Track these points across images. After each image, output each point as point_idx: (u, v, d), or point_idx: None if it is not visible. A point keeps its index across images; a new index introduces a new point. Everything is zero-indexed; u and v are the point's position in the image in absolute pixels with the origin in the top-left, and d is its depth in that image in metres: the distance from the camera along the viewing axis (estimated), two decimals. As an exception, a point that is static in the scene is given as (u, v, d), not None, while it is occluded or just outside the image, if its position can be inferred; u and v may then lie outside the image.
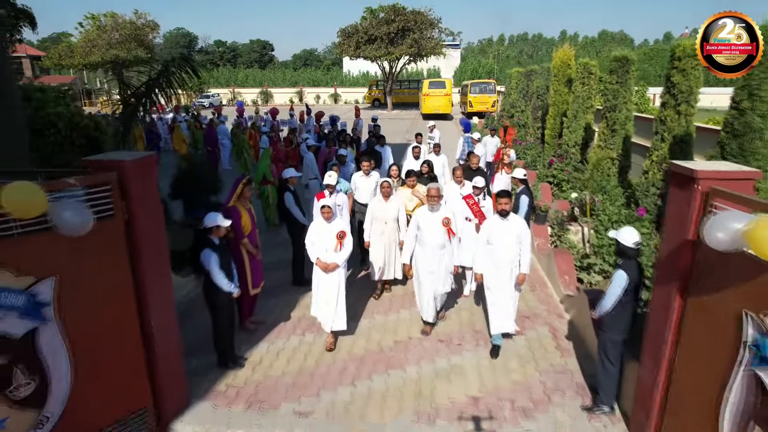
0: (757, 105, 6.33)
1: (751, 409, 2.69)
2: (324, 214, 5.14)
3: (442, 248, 5.32)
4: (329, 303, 5.19)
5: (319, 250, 5.19)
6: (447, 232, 5.25)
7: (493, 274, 5.17)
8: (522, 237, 5.06)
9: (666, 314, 3.42)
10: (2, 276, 2.92)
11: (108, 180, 3.32)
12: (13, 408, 3.10)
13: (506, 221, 5.04)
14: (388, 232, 6.25)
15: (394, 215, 6.19)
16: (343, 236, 5.15)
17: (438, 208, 5.27)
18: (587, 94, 13.73)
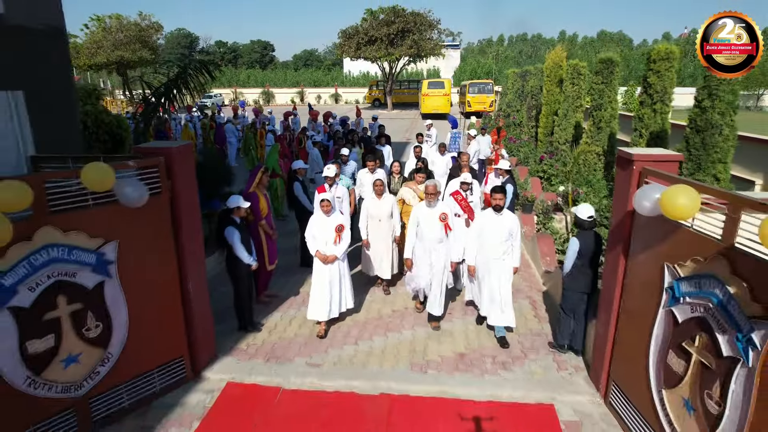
0: (716, 104, 7.07)
1: (668, 339, 3.44)
2: (323, 208, 5.42)
3: (440, 242, 5.53)
4: (324, 293, 5.44)
5: (319, 243, 5.48)
6: (444, 227, 5.47)
7: (484, 266, 5.38)
8: (513, 231, 5.28)
9: (614, 274, 4.17)
10: (79, 237, 3.67)
11: (157, 163, 4.08)
12: (86, 345, 3.85)
13: (499, 216, 5.24)
14: (383, 229, 6.41)
15: (387, 212, 6.34)
16: (341, 229, 5.43)
17: (435, 204, 5.48)
18: (577, 93, 14.45)
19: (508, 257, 5.33)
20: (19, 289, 3.42)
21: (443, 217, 5.44)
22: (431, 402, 4.47)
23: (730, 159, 7.29)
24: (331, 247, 5.43)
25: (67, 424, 3.87)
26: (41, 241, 3.49)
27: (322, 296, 5.46)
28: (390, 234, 6.45)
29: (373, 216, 6.37)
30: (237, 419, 4.24)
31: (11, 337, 3.43)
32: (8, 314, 3.40)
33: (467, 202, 6.21)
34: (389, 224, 6.40)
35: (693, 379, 3.21)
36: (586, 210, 4.82)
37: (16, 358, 3.48)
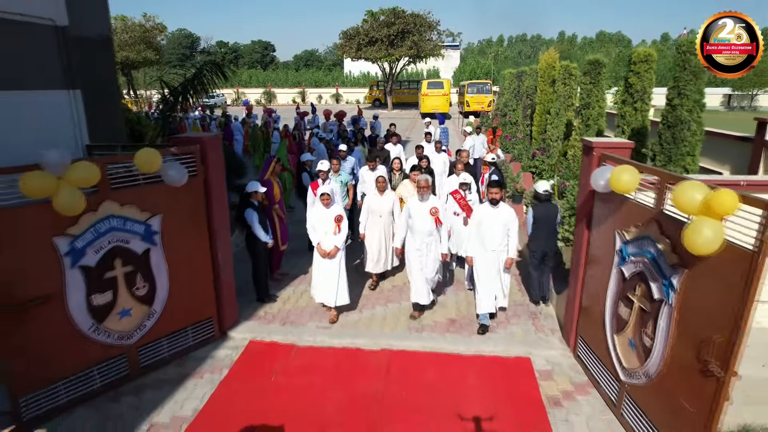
0: (684, 102, 7.82)
1: (619, 292, 4.21)
2: (323, 201, 5.73)
3: (430, 235, 5.72)
4: (330, 281, 5.75)
5: (319, 233, 5.80)
6: (434, 221, 5.66)
7: (482, 256, 5.64)
8: (510, 223, 5.53)
9: (580, 245, 4.93)
10: (131, 210, 4.43)
11: (194, 150, 4.84)
12: (136, 302, 4.61)
13: (496, 209, 5.51)
14: (383, 224, 6.59)
15: (388, 209, 6.52)
16: (340, 220, 5.73)
17: (427, 198, 5.68)
18: (568, 93, 15.19)
19: (505, 248, 5.63)
20: (87, 251, 4.18)
21: (434, 210, 5.63)
22: (425, 356, 5.24)
23: (698, 152, 8.05)
24: (330, 236, 5.76)
25: (120, 368, 4.64)
26: (104, 213, 4.25)
27: (328, 286, 5.79)
28: (389, 229, 6.66)
29: (374, 211, 6.56)
30: (260, 368, 5.00)
31: (81, 291, 4.19)
32: (79, 271, 4.16)
33: (466, 200, 6.54)
34: (389, 220, 6.61)
35: (635, 321, 3.97)
36: (542, 185, 5.95)
37: (84, 308, 4.25)
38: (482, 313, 5.67)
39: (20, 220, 3.80)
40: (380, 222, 6.58)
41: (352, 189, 8.00)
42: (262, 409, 4.39)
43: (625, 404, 4.11)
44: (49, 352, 4.10)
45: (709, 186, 3.06)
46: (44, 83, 4.62)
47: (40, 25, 4.48)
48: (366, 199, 6.68)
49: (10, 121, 4.33)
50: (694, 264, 3.27)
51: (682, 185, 3.18)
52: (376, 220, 6.58)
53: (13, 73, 4.34)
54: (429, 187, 5.72)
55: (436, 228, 5.70)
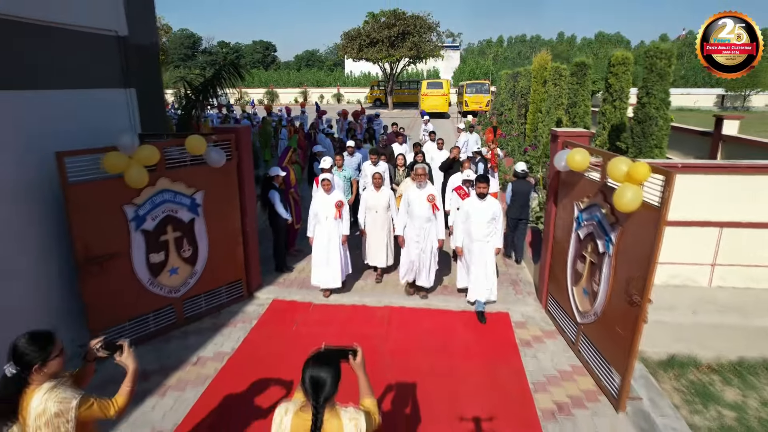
0: (652, 100, 8.82)
1: (576, 251, 5.21)
2: (324, 186, 6.17)
3: (428, 221, 6.08)
4: (332, 264, 6.27)
5: (320, 218, 6.23)
6: (431, 207, 6.03)
7: (469, 247, 5.97)
8: (496, 215, 5.83)
9: (550, 215, 5.94)
10: (180, 186, 5.43)
11: (230, 138, 5.84)
12: (182, 262, 5.62)
13: (484, 202, 5.81)
14: (380, 220, 6.77)
15: (385, 204, 6.72)
16: (341, 205, 6.17)
17: (424, 186, 6.06)
18: (558, 93, 16.16)
19: (492, 239, 5.93)
20: (147, 218, 5.19)
21: (431, 198, 5.99)
22: (419, 311, 6.24)
23: (665, 144, 9.04)
24: (331, 221, 6.21)
25: (169, 316, 5.64)
26: (160, 187, 5.25)
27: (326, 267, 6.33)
28: (387, 225, 6.83)
29: (370, 207, 6.76)
30: (282, 320, 6.00)
31: (142, 250, 5.20)
32: (141, 234, 5.16)
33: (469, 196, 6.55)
34: (386, 215, 6.79)
35: (587, 273, 4.97)
36: (520, 165, 7.36)
37: (144, 264, 5.25)
38: (474, 299, 6.05)
39: (99, 191, 4.79)
40: (377, 217, 6.78)
41: (356, 184, 8.38)
42: (286, 349, 5.38)
43: (581, 341, 5.11)
44: (118, 298, 5.09)
45: (631, 160, 4.06)
46: (108, 83, 5.62)
47: (106, 35, 5.48)
48: (363, 194, 6.93)
49: (80, 113, 5.30)
50: (625, 221, 4.27)
51: (613, 160, 4.19)
52: (372, 215, 6.80)
53: (83, 75, 5.32)
54: (426, 175, 6.11)
55: (434, 214, 6.08)
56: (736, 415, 4.31)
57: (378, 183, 6.71)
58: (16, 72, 4.43)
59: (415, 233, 6.14)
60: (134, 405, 4.42)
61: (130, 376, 2.59)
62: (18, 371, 2.29)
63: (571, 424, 4.20)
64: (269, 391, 4.62)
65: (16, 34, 4.37)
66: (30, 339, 2.32)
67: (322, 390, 2.09)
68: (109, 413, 2.46)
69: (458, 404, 4.43)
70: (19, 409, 2.30)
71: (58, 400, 2.30)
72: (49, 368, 2.35)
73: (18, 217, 4.51)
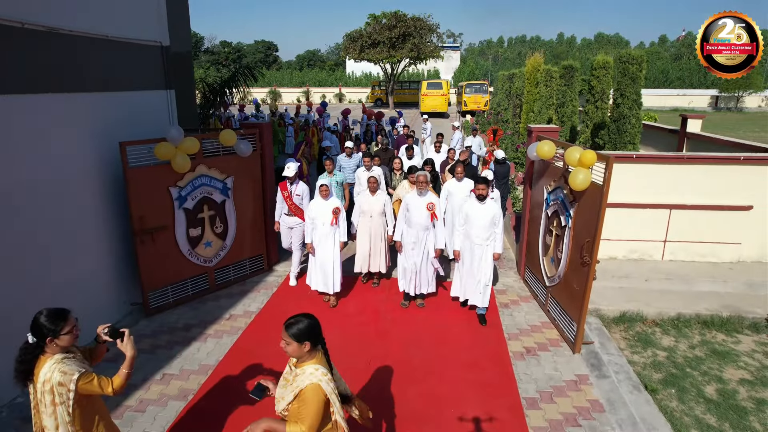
0: (625, 101, 9.86)
1: (546, 227, 6.24)
2: (322, 192, 6.12)
3: (426, 230, 5.97)
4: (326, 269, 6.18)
5: (317, 224, 6.15)
6: (430, 216, 5.93)
7: (468, 250, 5.96)
8: (496, 218, 5.76)
9: (526, 199, 6.97)
10: (215, 172, 6.46)
11: (255, 132, 6.87)
12: (215, 237, 6.65)
13: (483, 204, 5.78)
14: (374, 225, 6.63)
15: (380, 209, 6.55)
16: (338, 212, 6.12)
17: (425, 194, 5.91)
18: (549, 93, 17.19)
19: (492, 243, 5.86)
20: (188, 198, 6.22)
21: (430, 206, 5.88)
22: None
23: (637, 140, 10.09)
24: (328, 227, 6.14)
25: (203, 283, 6.67)
26: (198, 173, 6.28)
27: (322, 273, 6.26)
28: (382, 230, 6.68)
29: (365, 212, 6.64)
30: (298, 289, 7.03)
31: (183, 225, 6.23)
32: (182, 212, 6.19)
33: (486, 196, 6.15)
34: (381, 221, 6.65)
35: (554, 244, 6.00)
36: (500, 153, 8.33)
37: (185, 237, 6.28)
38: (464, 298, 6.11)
39: (151, 175, 5.82)
40: (372, 222, 6.64)
41: (348, 188, 8.17)
42: (302, 309, 6.40)
43: (549, 301, 6.14)
44: (164, 264, 6.13)
45: (583, 149, 5.10)
46: (153, 85, 6.64)
47: (152, 46, 6.52)
48: (358, 198, 6.81)
49: (132, 111, 6.32)
50: (580, 198, 5.30)
51: (569, 149, 5.23)
52: (366, 220, 6.66)
53: (136, 79, 6.35)
54: (427, 183, 5.99)
55: (432, 223, 5.98)
56: (666, 354, 5.34)
57: (373, 187, 6.56)
58: (89, 78, 5.45)
59: (411, 240, 6.05)
60: (182, 348, 5.47)
61: (128, 362, 2.78)
62: (35, 341, 2.59)
63: (535, 361, 5.23)
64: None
65: (88, 47, 5.39)
66: (47, 315, 2.60)
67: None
68: (107, 390, 2.68)
69: (445, 347, 5.46)
70: (33, 374, 2.63)
71: (62, 371, 2.57)
72: (61, 341, 2.61)
73: (89, 196, 5.53)
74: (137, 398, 4.61)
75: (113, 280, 5.94)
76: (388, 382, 4.86)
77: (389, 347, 5.49)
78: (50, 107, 4.89)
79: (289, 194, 6.80)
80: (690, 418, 4.35)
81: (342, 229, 6.24)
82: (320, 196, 6.17)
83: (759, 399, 4.63)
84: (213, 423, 4.28)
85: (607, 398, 4.57)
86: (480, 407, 4.46)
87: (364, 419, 3.05)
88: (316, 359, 2.63)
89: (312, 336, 2.59)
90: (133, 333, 5.50)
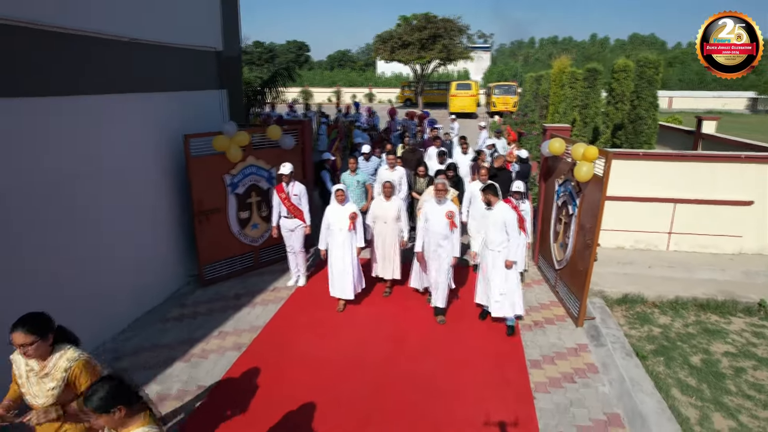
0: (642, 103, 10.37)
1: (556, 217, 6.91)
2: (338, 198, 6.04)
3: (445, 238, 5.87)
4: (344, 276, 6.13)
5: (333, 230, 6.10)
6: (449, 224, 5.83)
7: (485, 255, 5.96)
8: (508, 224, 5.65)
9: (541, 191, 7.64)
10: (262, 162, 7.35)
11: (297, 128, 7.74)
12: (261, 220, 7.54)
13: (491, 211, 5.79)
14: (388, 231, 6.47)
15: (394, 215, 6.39)
16: (354, 217, 6.03)
17: (444, 202, 5.86)
18: (573, 95, 17.66)
19: (505, 249, 5.73)
20: (239, 185, 7.12)
21: (450, 214, 5.79)
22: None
23: (653, 141, 10.59)
24: (345, 233, 6.06)
25: (249, 261, 7.57)
26: (248, 162, 7.17)
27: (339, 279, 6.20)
28: (396, 236, 6.52)
29: (378, 217, 6.48)
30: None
31: (234, 208, 7.13)
32: (234, 196, 7.09)
33: (518, 210, 6.05)
34: (395, 227, 6.48)
35: (562, 231, 6.66)
36: (523, 152, 8.67)
37: (235, 219, 7.18)
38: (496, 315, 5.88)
39: (209, 164, 6.73)
40: (385, 228, 6.49)
41: (371, 189, 8.04)
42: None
43: (558, 283, 6.80)
44: (218, 242, 7.04)
45: (586, 145, 5.76)
46: (209, 86, 7.58)
47: (209, 51, 7.45)
48: (372, 203, 6.70)
49: (191, 108, 7.25)
50: (584, 189, 5.96)
51: (575, 146, 5.90)
52: (381, 226, 6.52)
53: (195, 80, 7.28)
54: (446, 191, 5.93)
55: (451, 231, 5.89)
56: (661, 331, 5.95)
57: (388, 193, 6.38)
58: (157, 80, 6.38)
59: (431, 249, 5.99)
60: (234, 311, 6.36)
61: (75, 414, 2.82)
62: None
63: (542, 332, 5.92)
64: (328, 304, 6.48)
65: (159, 53, 6.32)
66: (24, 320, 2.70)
67: None
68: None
69: (464, 321, 6.19)
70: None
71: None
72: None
73: (156, 181, 6.47)
74: (200, 348, 5.52)
75: (174, 255, 6.87)
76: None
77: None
78: (129, 105, 5.84)
79: (286, 195, 6.70)
80: (673, 380, 4.99)
81: (359, 234, 6.18)
82: (336, 202, 6.10)
83: (738, 367, 5.21)
84: (263, 370, 5.13)
85: (601, 362, 5.24)
86: (491, 369, 5.20)
87: None
88: (142, 420, 2.28)
89: (122, 398, 2.22)
90: (192, 300, 6.50)
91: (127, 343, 5.60)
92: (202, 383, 4.91)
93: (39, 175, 4.62)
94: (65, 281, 4.92)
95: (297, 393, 4.74)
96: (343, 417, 4.45)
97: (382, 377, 5.02)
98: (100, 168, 5.43)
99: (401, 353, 5.45)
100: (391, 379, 4.99)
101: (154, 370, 5.10)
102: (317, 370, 5.12)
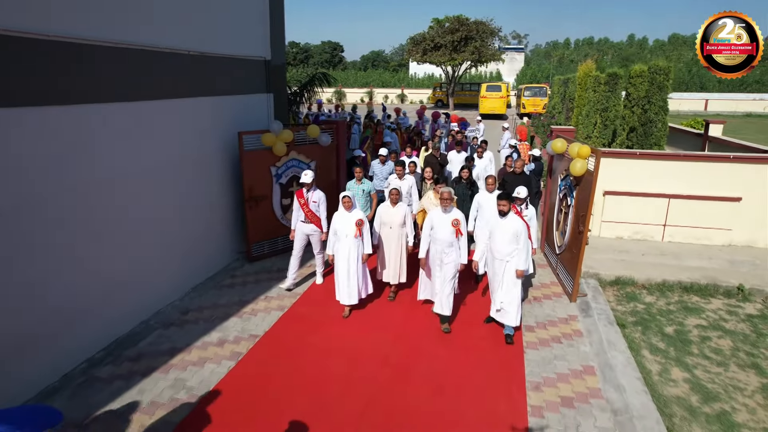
0: (652, 107, 11.09)
1: (559, 207, 7.82)
2: (344, 204, 6.11)
3: (450, 246, 5.89)
4: (350, 282, 6.17)
5: (340, 236, 6.16)
6: (455, 232, 5.84)
7: (492, 265, 5.98)
8: (519, 234, 5.63)
9: (547, 188, 8.55)
10: (303, 157, 8.52)
11: (332, 127, 8.88)
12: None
13: (504, 219, 5.72)
14: (394, 237, 6.57)
15: (399, 221, 6.47)
16: (361, 224, 6.06)
17: (450, 210, 5.86)
18: (597, 98, 18.27)
19: (514, 258, 5.72)
20: (282, 176, 8.30)
21: (455, 222, 5.80)
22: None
23: (663, 143, 11.29)
24: (351, 239, 6.10)
25: (289, 241, 8.72)
26: (291, 156, 8.35)
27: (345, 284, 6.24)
28: (400, 242, 6.60)
29: (384, 222, 6.58)
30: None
31: (278, 196, 8.32)
32: (278, 186, 8.28)
33: (522, 216, 6.04)
34: (400, 232, 6.57)
35: (563, 220, 7.58)
36: (536, 151, 9.54)
37: (279, 205, 8.37)
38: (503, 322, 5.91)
39: (258, 157, 7.92)
40: (391, 233, 6.59)
41: (375, 198, 8.06)
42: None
43: (558, 265, 7.72)
44: (263, 224, 8.24)
45: (581, 143, 6.68)
46: (258, 90, 8.79)
47: (259, 60, 8.66)
48: (378, 209, 6.72)
49: (243, 109, 8.46)
50: (579, 182, 6.88)
51: (572, 144, 6.83)
52: (386, 231, 6.62)
53: (247, 86, 8.50)
54: (452, 200, 5.93)
55: (457, 239, 5.91)
56: (645, 307, 6.81)
57: (394, 199, 6.47)
58: (218, 85, 7.60)
59: (437, 257, 6.02)
60: (277, 282, 7.53)
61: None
62: None
63: (539, 305, 6.87)
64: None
65: (223, 63, 7.54)
66: None
67: None
68: None
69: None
70: None
71: None
72: None
73: (216, 171, 7.69)
74: (250, 308, 6.71)
75: (225, 234, 8.10)
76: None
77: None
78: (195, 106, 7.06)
79: (305, 201, 6.87)
80: (645, 344, 5.88)
81: (366, 241, 6.24)
82: (343, 208, 6.17)
83: (705, 336, 6.06)
84: (301, 323, 6.28)
85: (587, 329, 6.17)
86: (487, 330, 6.20)
87: None
88: None
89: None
90: (241, 272, 7.72)
91: (191, 302, 6.84)
92: (253, 333, 6.08)
93: (134, 167, 5.89)
94: (143, 255, 6.14)
95: (332, 344, 5.85)
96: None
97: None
98: (176, 160, 6.68)
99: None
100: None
101: (215, 323, 6.30)
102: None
